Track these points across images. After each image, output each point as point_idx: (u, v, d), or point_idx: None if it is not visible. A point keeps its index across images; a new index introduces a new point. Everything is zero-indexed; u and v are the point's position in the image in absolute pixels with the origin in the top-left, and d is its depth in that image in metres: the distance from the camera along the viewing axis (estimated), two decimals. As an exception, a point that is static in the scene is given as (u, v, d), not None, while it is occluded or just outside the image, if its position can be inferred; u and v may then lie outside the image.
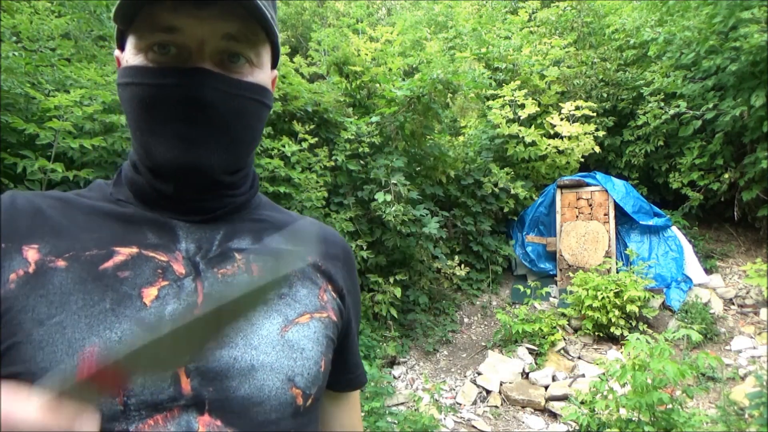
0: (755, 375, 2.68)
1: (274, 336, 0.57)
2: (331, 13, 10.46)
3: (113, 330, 0.50)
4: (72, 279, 0.52)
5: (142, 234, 0.57)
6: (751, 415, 2.51)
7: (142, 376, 0.48)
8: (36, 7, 4.18)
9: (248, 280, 0.55)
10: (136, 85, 0.56)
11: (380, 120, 5.19)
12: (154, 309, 0.52)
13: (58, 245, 0.54)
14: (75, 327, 0.49)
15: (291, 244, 0.62)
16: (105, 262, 0.54)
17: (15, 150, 3.16)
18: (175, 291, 0.54)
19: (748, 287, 5.53)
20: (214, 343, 0.52)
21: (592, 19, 8.14)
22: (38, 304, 0.50)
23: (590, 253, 5.83)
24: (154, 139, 0.57)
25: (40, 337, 0.48)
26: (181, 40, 0.55)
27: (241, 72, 0.58)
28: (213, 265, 0.58)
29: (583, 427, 2.88)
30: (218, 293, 0.51)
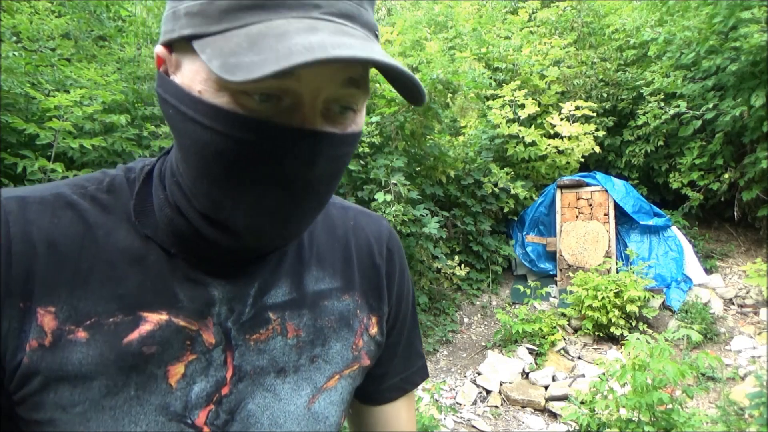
0: (755, 375, 2.68)
1: (301, 410, 0.54)
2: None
3: (138, 424, 0.46)
4: (93, 358, 0.46)
5: (173, 295, 0.49)
6: (751, 415, 2.51)
7: None
8: (36, 7, 4.18)
9: (286, 346, 0.53)
10: (215, 133, 0.43)
11: (380, 120, 5.19)
12: (180, 392, 0.48)
13: (77, 307, 0.46)
14: (99, 420, 0.45)
15: (332, 277, 0.58)
16: (130, 332, 0.47)
17: (15, 150, 3.16)
18: (203, 366, 0.49)
19: (748, 287, 5.53)
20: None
21: (592, 19, 8.14)
22: (59, 385, 0.45)
23: (590, 253, 5.83)
24: (232, 202, 0.46)
25: (64, 425, 0.45)
26: (294, 87, 0.42)
27: (346, 123, 0.47)
28: (245, 332, 0.52)
29: (583, 427, 2.88)
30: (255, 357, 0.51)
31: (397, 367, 0.69)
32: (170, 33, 0.46)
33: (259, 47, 0.38)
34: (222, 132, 0.43)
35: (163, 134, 3.79)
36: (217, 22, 0.41)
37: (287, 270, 0.56)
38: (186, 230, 0.50)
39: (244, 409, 0.51)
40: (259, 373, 0.52)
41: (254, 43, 0.39)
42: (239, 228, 0.47)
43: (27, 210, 0.47)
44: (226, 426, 0.50)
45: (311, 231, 0.61)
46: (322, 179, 0.47)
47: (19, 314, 0.45)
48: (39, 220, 0.47)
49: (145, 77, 4.44)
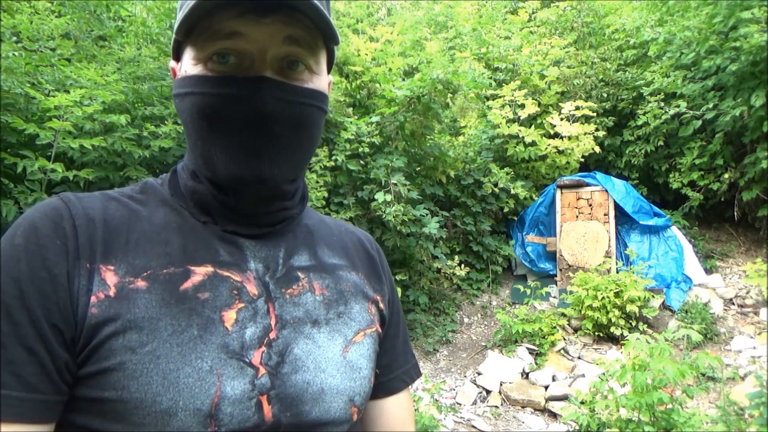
0: (755, 375, 2.68)
1: (338, 358, 0.59)
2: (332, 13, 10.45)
3: (204, 359, 0.51)
4: (156, 302, 0.51)
5: (214, 250, 0.58)
6: (751, 415, 2.51)
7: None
8: (36, 7, 4.18)
9: (316, 301, 0.61)
10: (195, 95, 0.56)
11: (380, 120, 5.19)
12: (236, 334, 0.53)
13: (133, 263, 0.53)
14: (168, 356, 0.49)
15: (340, 257, 0.68)
16: (184, 282, 0.54)
17: (15, 150, 3.16)
18: (251, 314, 0.55)
19: (748, 287, 5.53)
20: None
21: (592, 19, 8.14)
22: (127, 330, 0.49)
23: (590, 253, 5.83)
24: (215, 149, 0.56)
25: (133, 366, 0.48)
26: (242, 46, 0.54)
27: (301, 79, 0.58)
28: (281, 286, 0.59)
29: (583, 427, 2.88)
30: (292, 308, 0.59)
31: (399, 360, 0.74)
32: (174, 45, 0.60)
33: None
34: (197, 92, 0.55)
35: (163, 134, 3.79)
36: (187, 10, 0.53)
37: (303, 242, 0.66)
38: (207, 197, 0.59)
39: (291, 353, 0.56)
40: (297, 323, 0.58)
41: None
42: (224, 175, 0.57)
43: (81, 200, 0.56)
44: (278, 367, 0.55)
45: (314, 225, 0.70)
46: (278, 121, 0.56)
47: (87, 273, 0.51)
48: (94, 205, 0.56)
49: (145, 77, 4.44)
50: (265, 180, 0.57)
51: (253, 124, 0.54)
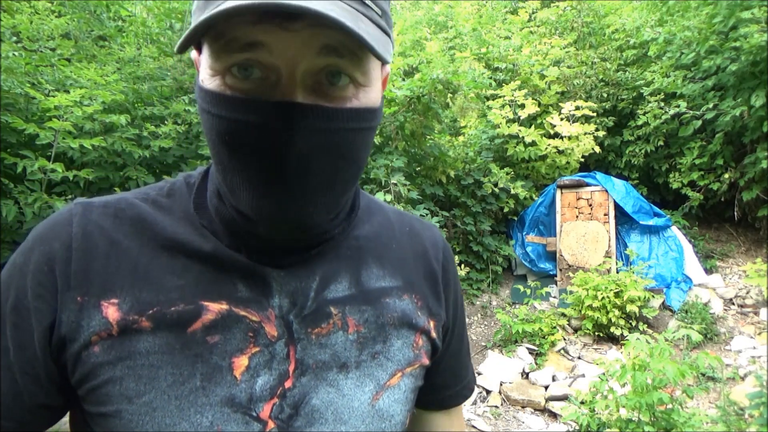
0: (755, 375, 2.68)
1: (365, 407, 0.52)
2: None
3: (204, 414, 0.46)
4: (159, 347, 0.46)
5: (233, 284, 0.50)
6: (751, 415, 2.51)
7: None
8: (36, 7, 4.18)
9: (347, 341, 0.52)
10: (212, 116, 0.45)
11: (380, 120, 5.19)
12: (245, 384, 0.48)
13: (140, 298, 0.47)
14: (165, 410, 0.45)
15: (392, 276, 0.58)
16: (194, 322, 0.48)
17: (15, 150, 3.16)
18: (267, 359, 0.49)
19: (748, 287, 5.53)
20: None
21: (592, 19, 8.14)
22: (125, 376, 0.46)
23: (590, 253, 5.83)
24: (237, 180, 0.47)
25: (129, 416, 0.45)
26: (266, 59, 0.43)
27: (344, 96, 0.46)
28: (308, 325, 0.52)
29: (583, 427, 2.88)
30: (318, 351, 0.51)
31: (459, 375, 0.68)
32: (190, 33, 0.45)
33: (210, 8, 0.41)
34: (216, 114, 0.45)
35: (163, 134, 3.78)
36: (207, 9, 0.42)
37: (346, 265, 0.56)
38: (231, 219, 0.51)
39: (308, 404, 0.50)
40: (321, 368, 0.51)
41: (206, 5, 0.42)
42: (249, 211, 0.48)
43: (91, 212, 0.51)
44: (290, 420, 0.49)
45: (371, 228, 0.60)
46: (311, 154, 0.45)
47: (76, 308, 0.46)
48: (101, 220, 0.50)
49: (145, 77, 4.43)
50: (300, 224, 0.48)
51: (282, 159, 0.44)
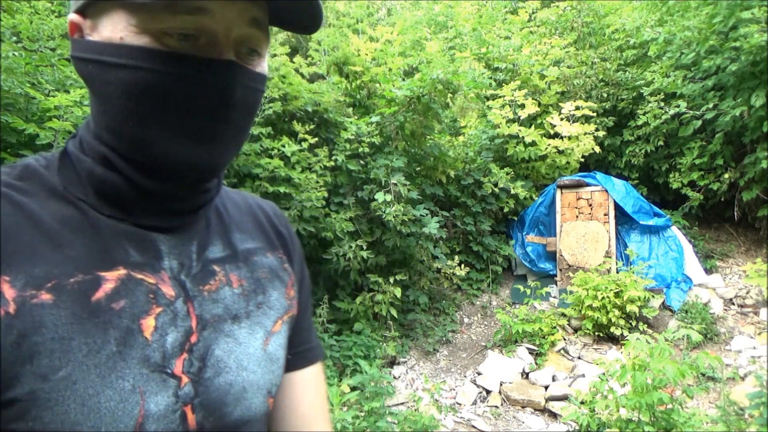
0: (755, 375, 2.68)
1: (259, 353, 0.58)
2: (332, 13, 10.46)
3: (125, 378, 0.46)
4: (66, 318, 0.45)
5: (124, 251, 0.51)
6: (751, 415, 2.51)
7: None
8: (36, 7, 4.18)
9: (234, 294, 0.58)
10: (140, 70, 0.48)
11: (380, 120, 5.19)
12: (156, 343, 0.49)
13: (33, 273, 0.45)
14: (86, 381, 0.44)
15: (254, 239, 0.65)
16: (95, 291, 0.47)
17: (15, 150, 3.16)
18: (171, 318, 0.51)
19: (748, 287, 5.53)
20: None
21: (592, 19, 8.14)
22: (35, 353, 0.43)
23: (590, 253, 5.83)
24: (158, 132, 0.50)
25: (46, 395, 0.43)
26: (208, 24, 0.48)
27: (253, 62, 0.54)
28: (198, 283, 0.55)
29: (583, 427, 2.88)
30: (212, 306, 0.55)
31: (307, 336, 0.72)
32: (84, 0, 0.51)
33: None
34: (148, 68, 0.48)
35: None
36: None
37: (216, 231, 0.61)
38: (120, 185, 0.52)
39: (212, 356, 0.53)
40: (218, 321, 0.55)
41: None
42: (169, 158, 0.51)
43: None
44: (200, 373, 0.52)
45: (222, 204, 0.66)
46: (237, 107, 0.52)
47: None
48: None
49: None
50: (216, 167, 0.54)
51: (216, 109, 0.51)
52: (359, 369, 3.72)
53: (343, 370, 4.11)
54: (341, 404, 2.94)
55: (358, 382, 3.58)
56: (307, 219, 4.30)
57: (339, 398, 2.90)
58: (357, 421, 3.13)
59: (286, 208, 4.15)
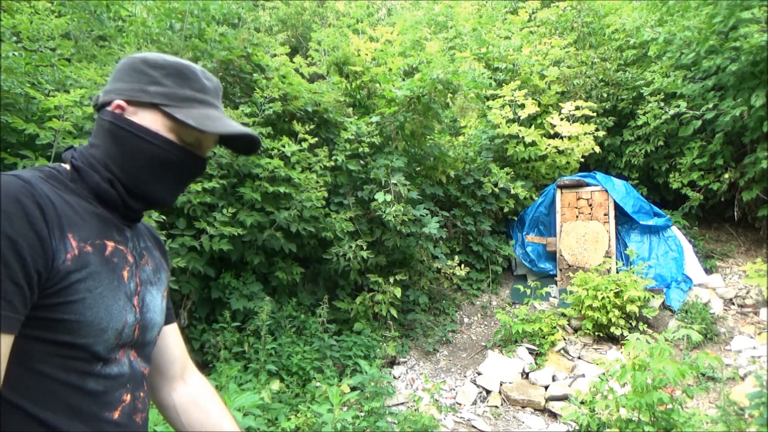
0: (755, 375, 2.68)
1: (161, 305, 0.97)
2: (331, 13, 10.46)
3: (121, 299, 0.83)
4: (97, 261, 0.80)
5: (111, 232, 0.86)
6: (751, 415, 2.51)
7: None
8: (36, 7, 4.18)
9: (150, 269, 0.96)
10: (166, 151, 0.88)
11: (380, 120, 5.18)
12: (127, 286, 0.86)
13: (81, 234, 0.79)
14: (108, 297, 0.80)
15: (149, 242, 1.02)
16: (105, 250, 0.83)
17: (15, 150, 3.16)
18: (132, 273, 0.88)
19: (748, 287, 5.53)
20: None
21: (592, 19, 8.14)
22: (87, 278, 0.77)
23: (590, 253, 5.83)
24: (158, 183, 0.90)
25: (91, 301, 0.77)
26: (201, 140, 0.93)
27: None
28: (140, 258, 0.93)
29: (583, 427, 2.88)
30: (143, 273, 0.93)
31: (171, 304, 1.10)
32: (138, 97, 0.87)
33: (212, 120, 0.89)
34: (169, 151, 0.89)
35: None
36: (180, 102, 0.89)
37: (140, 233, 0.99)
38: (115, 198, 0.88)
39: (145, 299, 0.91)
40: (146, 282, 0.93)
41: (207, 117, 0.89)
42: (154, 196, 0.91)
43: (35, 182, 0.77)
44: (142, 307, 0.90)
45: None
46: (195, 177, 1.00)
47: (59, 236, 0.75)
48: (43, 187, 0.77)
49: (145, 77, 4.43)
50: (171, 204, 0.97)
51: (188, 180, 0.96)
52: (359, 369, 3.72)
53: (343, 370, 4.11)
54: (341, 404, 2.94)
55: (358, 382, 3.58)
56: (307, 219, 4.29)
57: (339, 398, 2.90)
58: (357, 421, 3.13)
59: (286, 208, 4.15)
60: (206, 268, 3.89)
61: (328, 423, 2.83)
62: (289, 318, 4.23)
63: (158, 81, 0.87)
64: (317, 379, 3.77)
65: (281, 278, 4.26)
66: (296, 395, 3.60)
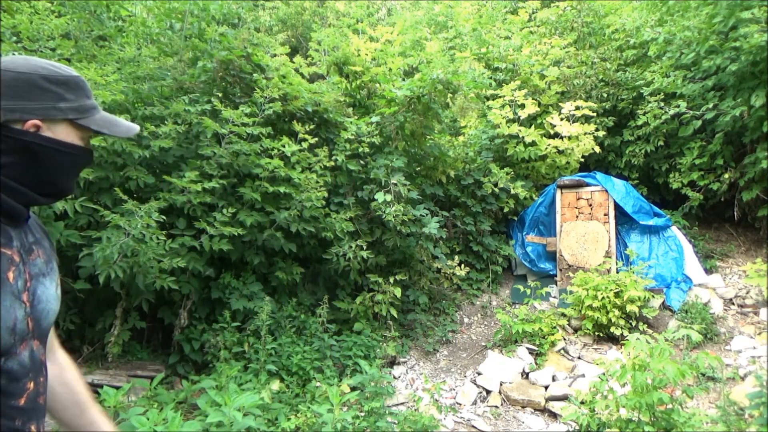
0: (755, 375, 2.68)
1: (55, 293, 1.04)
2: (331, 13, 10.46)
3: (7, 299, 0.89)
4: None
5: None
6: (751, 415, 2.51)
7: None
8: (36, 7, 4.18)
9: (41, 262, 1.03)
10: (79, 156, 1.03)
11: (380, 120, 5.19)
12: (14, 285, 0.91)
13: None
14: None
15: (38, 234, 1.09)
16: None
17: (15, 150, 3.14)
18: (19, 272, 0.93)
19: (748, 287, 5.53)
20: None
21: (592, 19, 8.14)
22: None
23: (590, 253, 5.83)
24: (70, 182, 1.05)
25: None
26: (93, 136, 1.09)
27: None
28: (28, 255, 0.99)
29: (583, 427, 2.88)
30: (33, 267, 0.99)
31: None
32: (53, 115, 0.97)
33: (112, 123, 1.06)
34: (83, 155, 1.04)
35: (162, 134, 3.79)
36: (85, 113, 1.02)
37: (30, 229, 1.04)
38: (16, 210, 0.94)
39: (36, 293, 0.97)
40: (37, 275, 0.99)
41: (108, 121, 1.06)
42: (67, 192, 1.06)
43: None
44: (33, 300, 0.96)
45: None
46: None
47: None
48: None
49: (145, 77, 4.44)
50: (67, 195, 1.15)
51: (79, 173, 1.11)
52: (359, 369, 3.72)
53: (343, 370, 4.11)
54: (341, 404, 2.94)
55: (358, 382, 3.58)
56: (307, 219, 4.29)
57: (339, 398, 2.90)
58: (357, 421, 3.13)
59: (286, 208, 4.15)
60: (206, 268, 3.89)
61: (328, 423, 2.83)
62: (289, 318, 4.24)
63: (64, 97, 0.98)
64: (317, 379, 3.77)
65: (281, 278, 4.26)
66: (296, 395, 3.60)
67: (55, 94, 0.96)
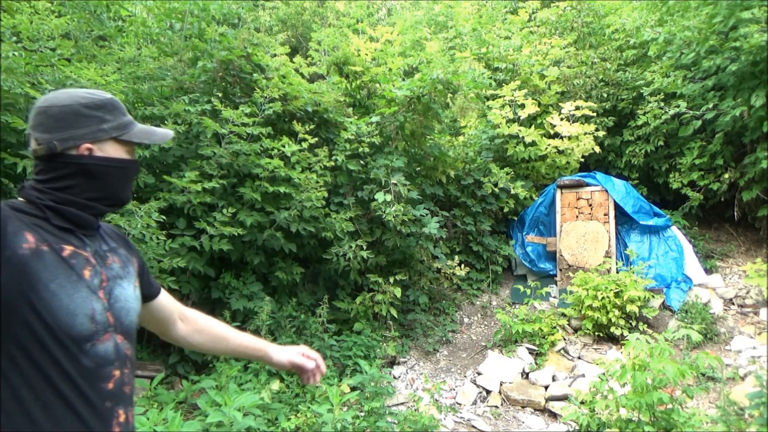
0: (755, 375, 2.68)
1: (134, 293, 1.16)
2: (331, 13, 10.46)
3: (79, 291, 1.01)
4: (53, 260, 0.99)
5: (71, 240, 1.05)
6: (751, 415, 2.51)
7: None
8: (36, 7, 4.18)
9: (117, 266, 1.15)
10: (129, 168, 1.16)
11: (380, 120, 5.18)
12: (89, 281, 1.03)
13: (39, 238, 0.98)
14: (65, 288, 0.99)
15: (115, 242, 1.20)
16: (62, 252, 1.01)
17: (15, 150, 3.16)
18: (94, 272, 1.06)
19: (748, 287, 5.53)
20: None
21: (592, 19, 8.14)
22: (43, 270, 0.96)
23: (590, 253, 5.83)
24: (126, 191, 1.17)
25: (50, 293, 0.96)
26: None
27: None
28: (104, 260, 1.11)
29: (583, 427, 2.88)
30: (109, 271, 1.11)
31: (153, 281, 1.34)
32: (99, 136, 1.09)
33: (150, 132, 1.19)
34: (131, 167, 1.16)
35: (163, 134, 3.78)
36: (125, 129, 1.14)
37: (102, 238, 1.17)
38: (75, 214, 1.07)
39: (113, 292, 1.09)
40: (114, 277, 1.11)
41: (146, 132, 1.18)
42: (126, 201, 1.19)
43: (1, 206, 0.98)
44: (110, 298, 1.07)
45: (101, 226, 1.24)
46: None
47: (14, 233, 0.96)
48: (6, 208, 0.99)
49: (145, 77, 4.44)
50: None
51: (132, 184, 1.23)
52: (359, 369, 3.72)
53: (343, 370, 4.11)
54: (341, 404, 2.94)
55: (358, 382, 3.58)
56: (307, 219, 4.29)
57: (339, 398, 2.90)
58: (357, 421, 3.13)
59: (286, 208, 4.15)
60: (206, 268, 3.89)
61: (328, 423, 2.83)
62: (289, 318, 4.23)
63: (105, 119, 1.10)
64: (317, 379, 3.76)
65: (281, 278, 4.26)
66: (296, 395, 3.60)
67: (97, 118, 1.09)
